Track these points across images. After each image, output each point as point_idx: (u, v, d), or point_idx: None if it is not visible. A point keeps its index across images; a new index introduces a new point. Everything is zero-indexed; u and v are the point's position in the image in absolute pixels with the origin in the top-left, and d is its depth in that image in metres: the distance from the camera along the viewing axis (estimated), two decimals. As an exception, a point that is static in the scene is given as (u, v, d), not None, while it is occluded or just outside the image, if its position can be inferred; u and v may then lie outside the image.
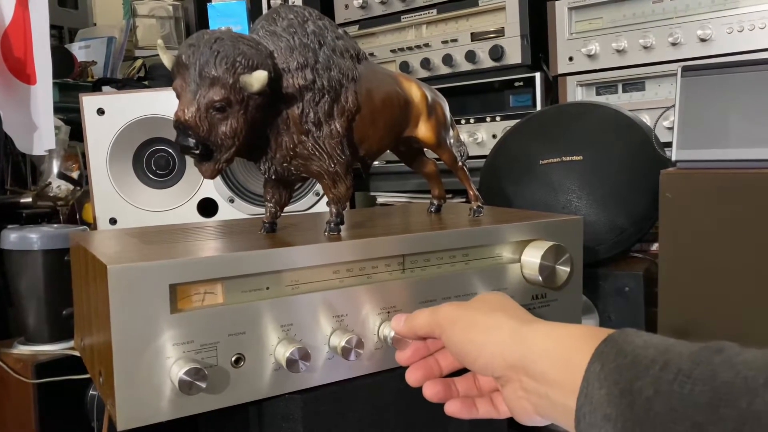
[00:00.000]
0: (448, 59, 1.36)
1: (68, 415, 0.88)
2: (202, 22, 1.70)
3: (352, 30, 1.51)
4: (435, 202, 0.84)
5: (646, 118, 1.17)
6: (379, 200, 1.44)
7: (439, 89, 0.78)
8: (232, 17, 1.33)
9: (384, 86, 0.69)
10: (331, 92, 0.62)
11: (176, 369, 0.51)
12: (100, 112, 1.16)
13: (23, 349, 0.91)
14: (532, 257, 0.70)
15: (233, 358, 0.55)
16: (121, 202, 1.17)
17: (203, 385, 0.51)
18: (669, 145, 0.84)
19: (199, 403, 0.54)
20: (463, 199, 1.36)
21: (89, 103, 1.15)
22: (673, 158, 0.83)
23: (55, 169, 1.34)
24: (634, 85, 1.22)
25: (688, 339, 0.86)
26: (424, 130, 0.73)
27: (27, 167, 1.35)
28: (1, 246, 0.92)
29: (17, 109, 1.20)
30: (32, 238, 0.90)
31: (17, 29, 1.21)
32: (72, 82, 1.52)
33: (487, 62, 1.34)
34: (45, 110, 1.19)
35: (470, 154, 1.38)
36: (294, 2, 1.46)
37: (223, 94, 0.55)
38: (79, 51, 1.67)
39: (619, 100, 1.22)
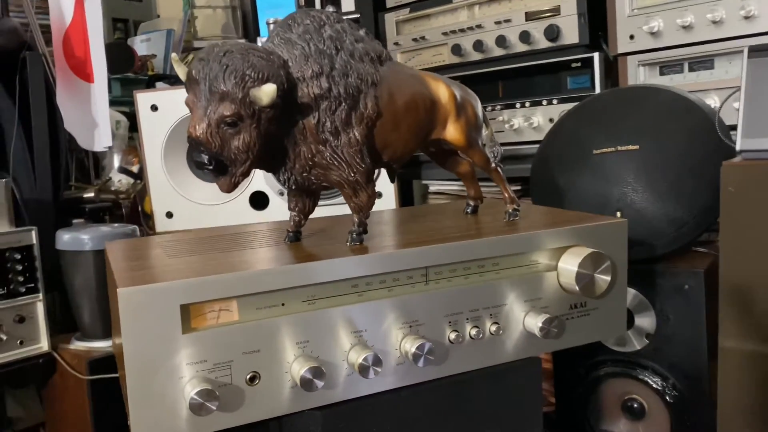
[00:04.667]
0: (501, 40, 1.30)
1: (122, 411, 0.91)
2: (256, 10, 1.70)
3: (404, 13, 1.47)
4: (471, 203, 0.80)
5: (715, 99, 1.08)
6: (432, 188, 1.41)
7: (492, 72, 0.73)
8: (281, 7, 1.33)
9: (408, 88, 0.66)
10: (348, 100, 0.60)
11: (189, 389, 0.51)
12: (154, 108, 1.18)
13: (79, 345, 0.95)
14: (570, 265, 0.66)
15: (248, 377, 0.55)
16: (177, 196, 1.20)
17: (213, 406, 0.51)
18: (736, 128, 0.77)
19: (215, 422, 0.54)
20: (518, 187, 1.31)
21: (143, 100, 1.18)
22: (738, 148, 0.76)
23: (116, 164, 1.38)
24: (701, 63, 1.12)
25: (749, 342, 0.77)
26: (453, 132, 0.70)
27: (90, 162, 1.40)
28: (57, 246, 0.96)
29: (78, 107, 1.23)
30: (84, 239, 0.94)
31: (77, 29, 1.24)
32: (132, 76, 1.56)
33: (542, 43, 1.27)
34: (102, 107, 1.22)
35: (526, 138, 1.32)
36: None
37: (233, 109, 0.54)
38: (140, 44, 1.71)
39: (684, 80, 1.13)
